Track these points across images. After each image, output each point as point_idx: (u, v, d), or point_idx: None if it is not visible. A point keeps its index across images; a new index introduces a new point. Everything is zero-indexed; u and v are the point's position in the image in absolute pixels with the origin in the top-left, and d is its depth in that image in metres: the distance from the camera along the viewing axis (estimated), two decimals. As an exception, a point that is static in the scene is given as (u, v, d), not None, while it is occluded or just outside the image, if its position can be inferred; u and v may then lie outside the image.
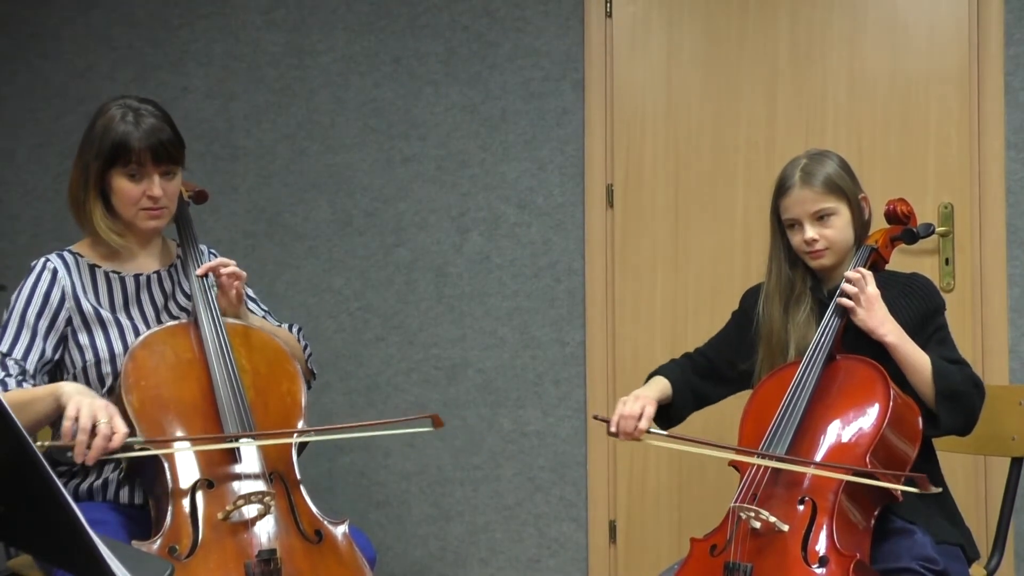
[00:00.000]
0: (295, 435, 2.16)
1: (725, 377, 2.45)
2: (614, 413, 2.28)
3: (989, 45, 3.00)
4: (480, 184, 3.42)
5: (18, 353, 2.11)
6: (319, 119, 3.55)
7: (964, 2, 3.03)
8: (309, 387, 2.46)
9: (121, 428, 1.92)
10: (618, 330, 3.29)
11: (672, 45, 3.28)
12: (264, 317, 2.45)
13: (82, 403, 1.90)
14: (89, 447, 1.88)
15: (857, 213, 2.29)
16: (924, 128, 3.06)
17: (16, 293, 2.17)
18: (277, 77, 3.58)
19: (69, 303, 2.17)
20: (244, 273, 2.28)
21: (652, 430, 2.25)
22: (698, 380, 2.44)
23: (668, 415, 2.43)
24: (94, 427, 1.89)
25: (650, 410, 2.27)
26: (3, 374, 2.06)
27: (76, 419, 1.88)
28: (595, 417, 2.43)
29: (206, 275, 2.24)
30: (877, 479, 2.01)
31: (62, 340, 2.17)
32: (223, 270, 2.25)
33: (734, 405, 2.42)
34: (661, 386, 2.40)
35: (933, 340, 2.23)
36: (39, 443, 1.90)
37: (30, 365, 2.11)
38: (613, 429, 2.25)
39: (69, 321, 2.17)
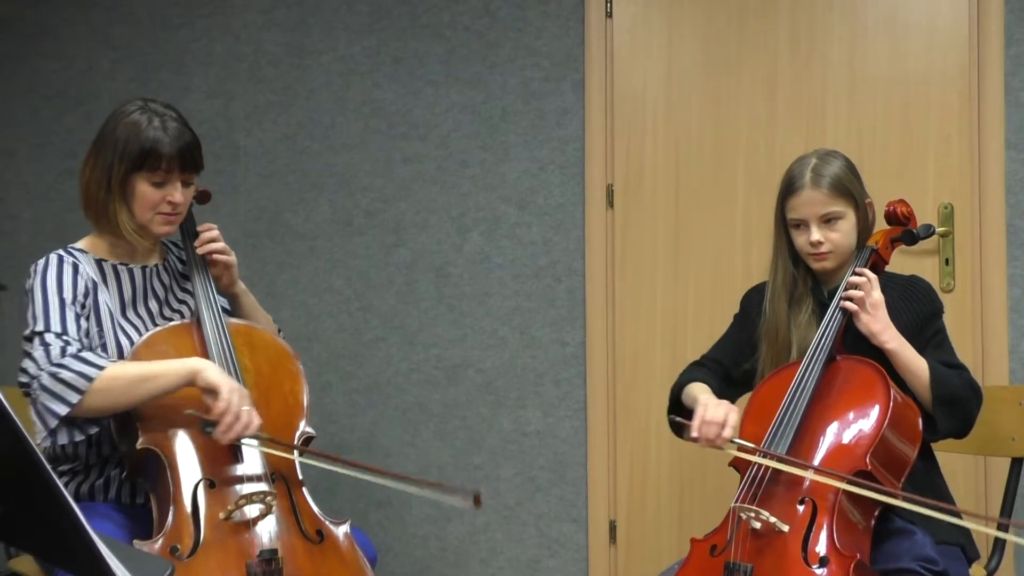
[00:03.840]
0: (341, 464, 2.18)
1: (736, 381, 2.43)
2: (695, 418, 2.15)
3: (989, 45, 3.00)
4: (480, 184, 3.42)
5: (72, 332, 2.07)
6: (319, 119, 3.55)
7: (964, 2, 3.03)
8: None
9: (256, 420, 2.05)
10: (618, 330, 3.29)
11: (672, 45, 3.28)
12: None
13: (234, 388, 2.03)
14: (228, 431, 2.02)
15: (862, 217, 2.29)
16: (924, 128, 3.06)
17: (41, 283, 2.13)
18: (277, 77, 3.58)
19: (91, 295, 2.17)
20: (232, 259, 2.37)
21: (735, 440, 2.11)
22: (723, 386, 2.39)
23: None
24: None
25: (734, 418, 2.13)
26: (76, 350, 2.03)
27: (228, 404, 2.01)
28: (674, 418, 2.25)
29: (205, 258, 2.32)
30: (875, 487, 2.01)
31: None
32: (211, 247, 2.32)
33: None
34: (709, 392, 2.31)
35: (931, 344, 2.24)
36: (189, 410, 2.03)
37: (85, 341, 2.10)
38: (695, 435, 2.13)
39: (87, 314, 2.16)
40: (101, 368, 2.00)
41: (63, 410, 1.97)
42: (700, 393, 2.29)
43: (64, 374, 1.98)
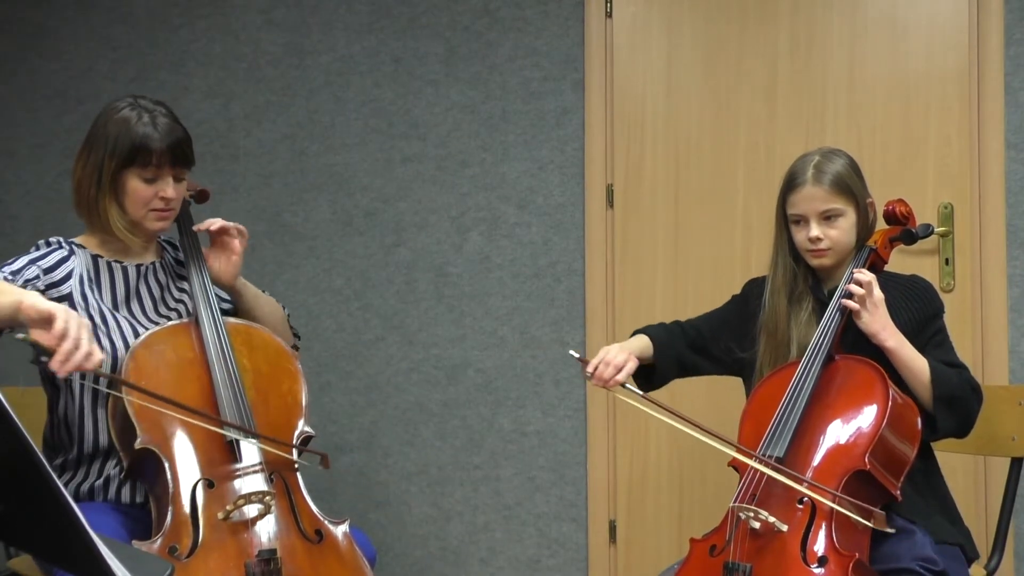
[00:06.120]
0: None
1: (716, 356, 2.43)
2: (595, 357, 2.25)
3: (989, 45, 3.00)
4: (480, 184, 3.42)
5: (9, 269, 2.10)
6: (319, 119, 3.55)
7: (964, 2, 3.03)
8: (296, 349, 2.45)
9: (98, 354, 1.89)
10: (618, 330, 3.29)
11: (672, 45, 3.28)
12: None
13: (71, 316, 1.86)
14: (67, 360, 1.83)
15: (862, 217, 2.29)
16: (924, 128, 3.06)
17: (33, 249, 2.19)
18: (277, 77, 3.58)
19: (74, 281, 2.16)
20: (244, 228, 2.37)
21: (627, 386, 2.23)
22: (687, 350, 2.42)
23: (650, 378, 2.41)
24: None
25: (631, 366, 2.26)
26: None
27: (65, 328, 1.83)
28: (572, 353, 2.29)
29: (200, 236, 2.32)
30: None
31: None
32: (216, 227, 2.32)
33: (733, 400, 2.42)
34: (642, 345, 2.39)
35: (932, 343, 2.23)
36: (21, 335, 1.86)
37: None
38: (590, 371, 2.23)
39: (68, 298, 2.14)
40: None
41: None
42: (628, 343, 2.37)
43: None
